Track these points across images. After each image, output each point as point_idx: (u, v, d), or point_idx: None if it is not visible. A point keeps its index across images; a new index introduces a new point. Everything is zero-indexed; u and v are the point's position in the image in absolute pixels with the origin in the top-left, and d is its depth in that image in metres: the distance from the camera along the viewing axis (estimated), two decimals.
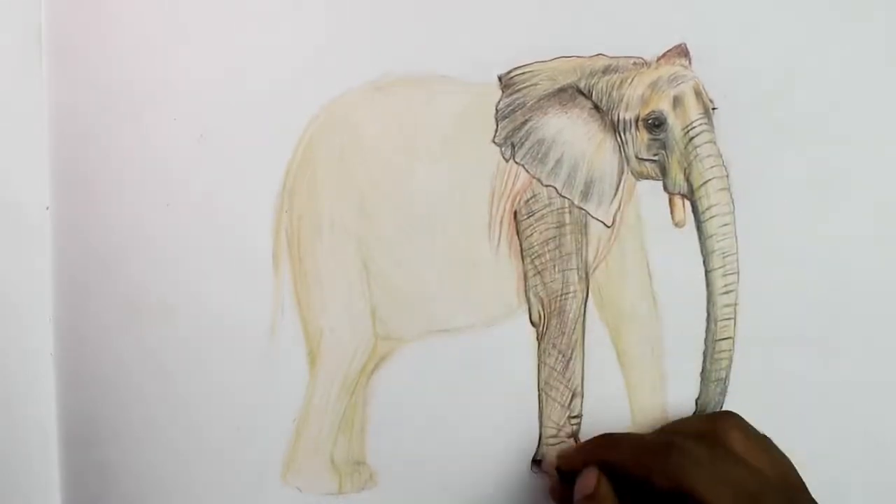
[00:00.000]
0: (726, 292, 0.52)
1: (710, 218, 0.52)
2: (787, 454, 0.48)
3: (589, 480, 0.48)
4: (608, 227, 0.52)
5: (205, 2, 0.51)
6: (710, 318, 0.52)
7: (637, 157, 0.52)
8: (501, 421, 0.52)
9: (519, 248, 0.52)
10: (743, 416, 0.50)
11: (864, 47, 0.53)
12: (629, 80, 0.52)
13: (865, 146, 0.53)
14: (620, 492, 0.47)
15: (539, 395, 0.52)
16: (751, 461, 0.46)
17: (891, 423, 0.53)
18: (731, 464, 0.46)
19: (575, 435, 0.53)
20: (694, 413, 0.52)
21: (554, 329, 0.52)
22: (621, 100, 0.52)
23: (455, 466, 0.52)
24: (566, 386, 0.52)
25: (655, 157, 0.52)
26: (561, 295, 0.52)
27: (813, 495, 0.46)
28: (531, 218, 0.52)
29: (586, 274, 0.53)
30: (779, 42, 0.52)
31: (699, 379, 0.52)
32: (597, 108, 0.52)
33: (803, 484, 0.48)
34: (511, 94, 0.52)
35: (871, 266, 0.53)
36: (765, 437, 0.49)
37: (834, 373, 0.53)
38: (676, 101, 0.52)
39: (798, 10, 0.52)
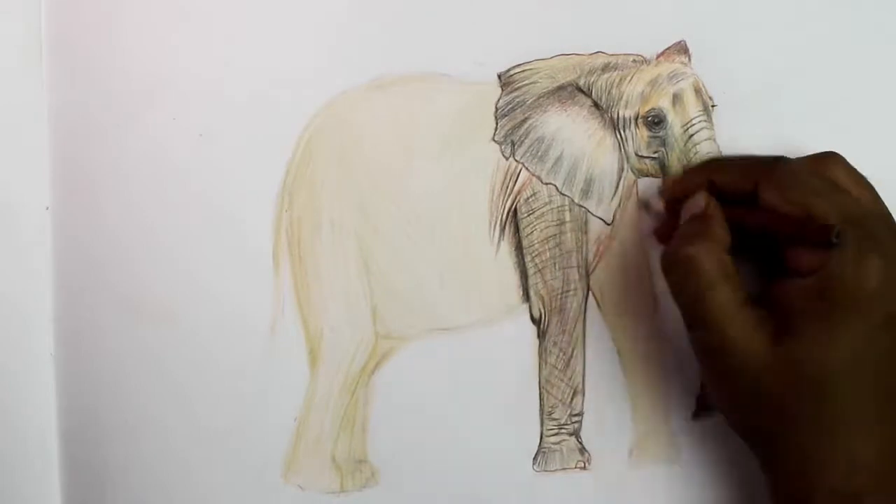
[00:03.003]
0: None
1: None
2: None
3: (698, 200, 0.47)
4: (608, 224, 0.52)
5: (205, 1, 0.51)
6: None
7: (637, 155, 0.52)
8: (502, 419, 0.52)
9: (519, 247, 0.52)
10: None
11: (864, 45, 0.53)
12: (629, 78, 0.52)
13: (865, 144, 0.53)
14: (728, 213, 0.47)
15: (540, 393, 0.52)
16: (856, 194, 0.46)
17: None
18: (837, 190, 0.45)
19: (576, 433, 0.53)
20: (694, 412, 0.52)
21: (555, 327, 0.52)
22: (621, 97, 0.52)
23: (456, 464, 0.52)
24: (567, 384, 0.52)
25: (655, 155, 0.52)
26: (561, 293, 0.52)
27: None
28: (531, 216, 0.52)
29: (587, 272, 0.53)
30: (778, 39, 0.52)
31: (700, 377, 0.52)
32: (596, 105, 0.52)
33: None
34: (510, 93, 0.52)
35: None
36: (867, 179, 0.48)
37: None
38: (676, 99, 0.52)
39: (797, 8, 0.52)
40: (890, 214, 0.47)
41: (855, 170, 0.47)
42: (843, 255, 0.43)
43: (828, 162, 0.47)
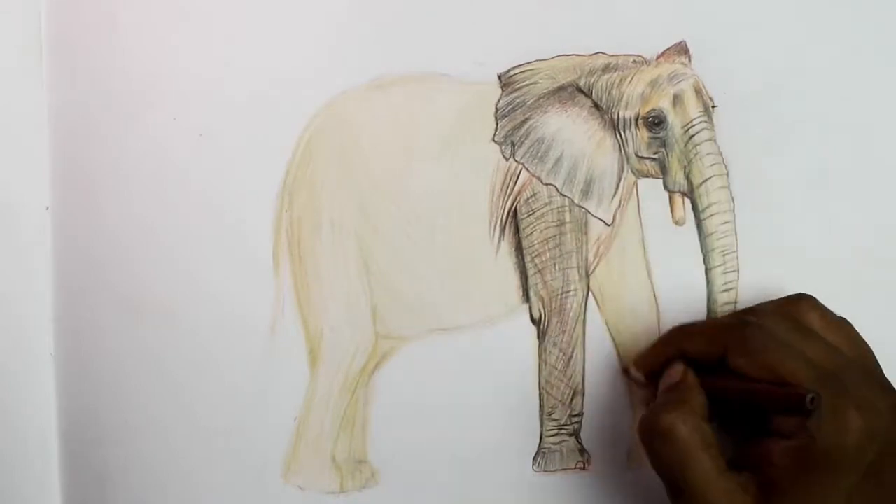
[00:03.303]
0: (726, 290, 0.52)
1: (711, 216, 0.52)
2: None
3: (675, 372, 0.48)
4: (608, 225, 0.52)
5: (205, 1, 0.51)
6: (710, 316, 0.52)
7: (637, 156, 0.52)
8: (502, 419, 0.52)
9: (519, 247, 0.52)
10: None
11: (864, 44, 0.53)
12: (629, 79, 0.52)
13: (866, 143, 0.53)
14: (702, 382, 0.47)
15: (540, 394, 0.52)
16: (829, 340, 0.46)
17: None
18: (808, 340, 0.45)
19: (576, 434, 0.53)
20: None
21: (555, 327, 0.52)
22: (621, 98, 0.52)
23: (456, 465, 0.52)
24: (567, 384, 0.53)
25: (655, 156, 0.52)
26: (561, 293, 0.52)
27: None
28: (531, 216, 0.52)
29: (587, 272, 0.53)
30: (779, 40, 0.52)
31: None
32: (597, 106, 0.52)
33: (880, 368, 0.47)
34: (511, 93, 0.52)
35: (872, 264, 0.53)
36: (843, 318, 0.48)
37: None
38: (676, 100, 0.52)
39: (798, 8, 0.52)
40: (868, 354, 0.47)
41: (829, 311, 0.48)
42: (821, 417, 0.43)
43: (800, 307, 0.47)
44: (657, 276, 0.52)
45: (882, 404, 0.44)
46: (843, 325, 0.48)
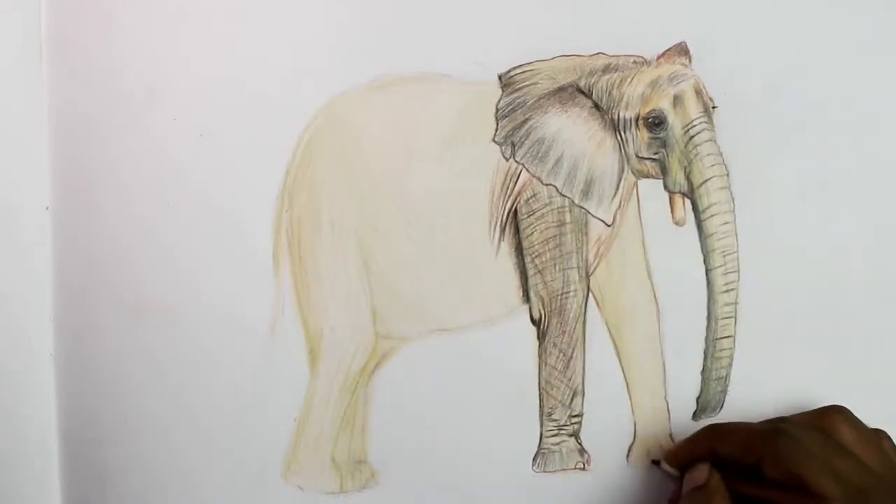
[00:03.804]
0: (727, 291, 0.52)
1: (711, 216, 0.52)
2: None
3: (700, 473, 0.48)
4: (608, 225, 0.52)
5: (205, 1, 0.51)
6: (710, 317, 0.52)
7: (637, 156, 0.52)
8: (502, 419, 0.52)
9: (519, 248, 0.52)
10: (744, 415, 0.50)
11: (863, 45, 0.53)
12: (629, 79, 0.52)
13: (865, 144, 0.53)
14: (729, 484, 0.47)
15: (540, 394, 0.52)
16: (860, 455, 0.46)
17: (892, 421, 0.52)
18: (840, 455, 0.46)
19: (576, 434, 0.53)
20: (694, 413, 0.52)
21: (555, 328, 0.52)
22: (621, 98, 0.52)
23: (456, 465, 0.52)
24: (567, 385, 0.53)
25: (656, 156, 0.52)
26: (561, 294, 0.52)
27: None
28: (531, 217, 0.52)
29: (587, 273, 0.53)
30: (778, 40, 0.52)
31: (700, 377, 0.52)
32: (597, 106, 0.52)
33: None
34: (511, 93, 0.52)
35: (872, 263, 0.53)
36: (878, 432, 0.49)
37: (835, 371, 0.53)
38: (676, 100, 0.52)
39: (797, 9, 0.52)
40: (894, 469, 0.47)
41: (861, 425, 0.48)
42: None
43: (832, 420, 0.48)
44: (657, 276, 0.52)
45: None
46: (875, 439, 0.48)
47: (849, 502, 0.44)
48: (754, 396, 0.52)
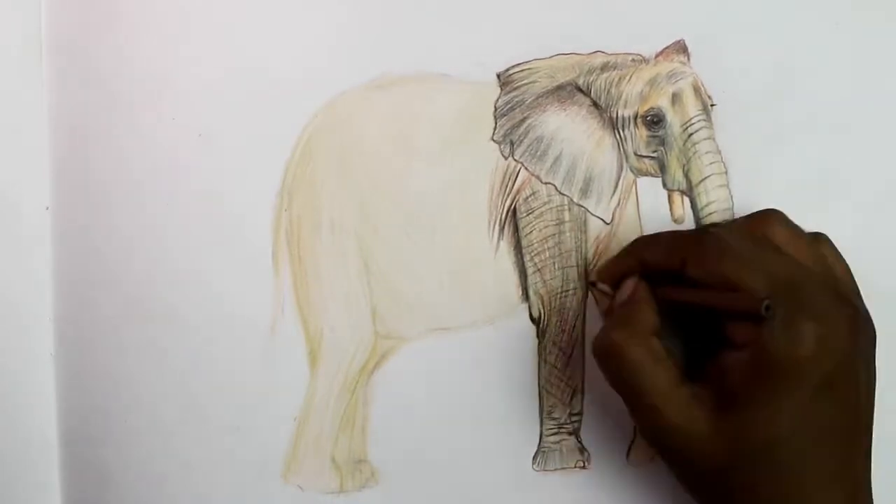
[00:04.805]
0: None
1: (709, 214, 0.52)
2: None
3: (626, 288, 0.47)
4: (607, 224, 0.52)
5: (205, 1, 0.51)
6: None
7: (636, 154, 0.52)
8: (502, 418, 0.52)
9: (518, 246, 0.52)
10: None
11: (863, 43, 0.53)
12: (628, 77, 0.52)
13: (865, 142, 0.53)
14: (658, 294, 0.47)
15: (539, 393, 0.52)
16: (793, 255, 0.45)
17: (892, 421, 0.52)
18: (767, 252, 0.45)
19: (576, 433, 0.53)
20: None
21: (554, 326, 0.52)
22: (620, 97, 0.52)
23: (456, 464, 0.52)
24: (567, 383, 0.52)
25: (654, 154, 0.52)
26: (561, 292, 0.52)
27: None
28: (530, 215, 0.52)
29: (586, 271, 0.53)
30: (778, 38, 0.52)
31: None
32: (595, 105, 0.52)
33: (849, 283, 0.47)
34: (509, 92, 0.52)
35: (872, 263, 0.53)
36: (817, 235, 0.48)
37: None
38: (675, 98, 0.52)
39: (797, 7, 0.52)
40: (830, 272, 0.47)
41: (795, 226, 0.47)
42: (775, 327, 0.43)
43: (765, 221, 0.47)
44: None
45: (840, 315, 0.43)
46: (812, 242, 0.47)
47: (775, 294, 0.43)
48: None
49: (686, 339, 0.47)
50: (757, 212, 0.48)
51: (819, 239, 0.48)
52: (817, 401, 0.43)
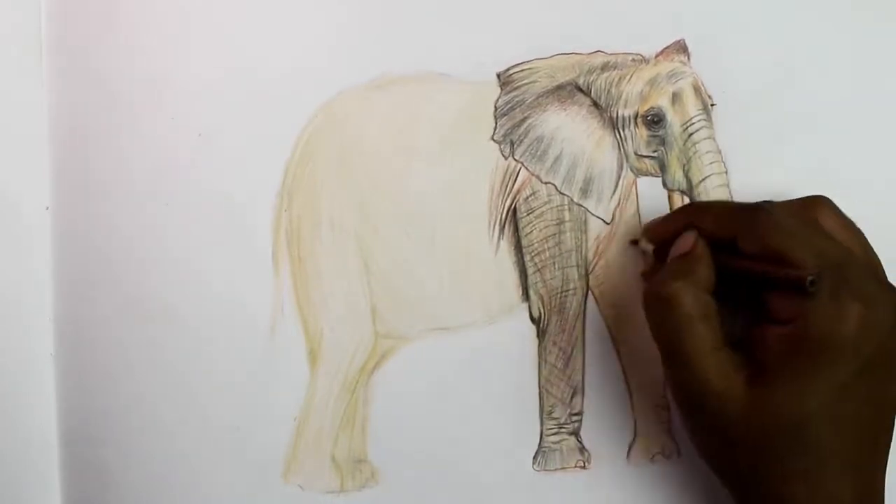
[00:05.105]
0: None
1: None
2: None
3: (686, 240, 0.47)
4: (608, 223, 0.52)
5: (205, 1, 0.51)
6: None
7: (636, 154, 0.52)
8: (502, 418, 0.52)
9: (518, 246, 0.52)
10: None
11: (863, 43, 0.53)
12: (628, 77, 0.52)
13: (865, 142, 0.53)
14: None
15: (540, 393, 0.52)
16: (841, 241, 0.45)
17: None
18: (818, 234, 0.45)
19: (576, 432, 0.53)
20: None
21: (554, 326, 0.52)
22: (620, 96, 0.52)
23: (456, 464, 0.52)
24: (567, 383, 0.52)
25: (654, 154, 0.52)
26: (561, 292, 0.52)
27: None
28: (530, 215, 0.52)
29: (586, 271, 0.53)
30: (777, 38, 0.52)
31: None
32: (595, 104, 0.52)
33: (885, 274, 0.47)
34: (510, 92, 0.52)
35: None
36: (856, 226, 0.48)
37: None
38: (675, 98, 0.52)
39: (797, 7, 0.52)
40: (875, 259, 0.47)
41: (842, 214, 0.47)
42: (820, 303, 0.43)
43: (814, 206, 0.47)
44: None
45: (885, 300, 0.43)
46: (856, 228, 0.47)
47: (824, 273, 0.43)
48: None
49: (728, 310, 0.46)
50: (807, 196, 0.48)
51: (860, 230, 0.48)
52: (854, 383, 0.43)
